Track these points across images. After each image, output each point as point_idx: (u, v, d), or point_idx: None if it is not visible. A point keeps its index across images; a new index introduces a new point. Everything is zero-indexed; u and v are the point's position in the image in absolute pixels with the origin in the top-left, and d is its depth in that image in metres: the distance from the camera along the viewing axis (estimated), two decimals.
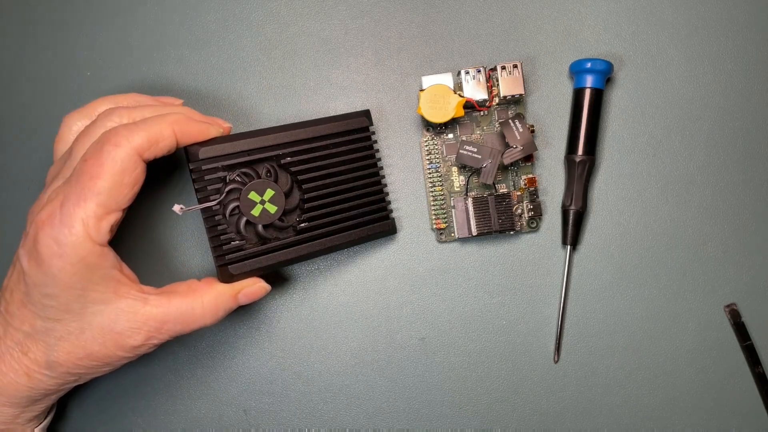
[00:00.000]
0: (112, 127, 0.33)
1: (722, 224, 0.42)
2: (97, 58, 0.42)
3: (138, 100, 0.36)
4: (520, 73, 0.40)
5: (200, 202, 0.35)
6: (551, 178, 0.42)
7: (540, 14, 0.42)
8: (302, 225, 0.37)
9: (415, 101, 0.42)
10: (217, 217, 0.35)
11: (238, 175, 0.35)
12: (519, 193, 0.41)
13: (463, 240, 0.41)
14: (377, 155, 0.39)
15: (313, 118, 0.40)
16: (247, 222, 0.35)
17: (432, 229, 0.41)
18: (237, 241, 0.35)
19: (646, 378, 0.41)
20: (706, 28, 0.42)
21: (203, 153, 0.34)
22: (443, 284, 0.41)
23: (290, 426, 0.41)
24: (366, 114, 0.39)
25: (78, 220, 0.31)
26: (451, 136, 0.41)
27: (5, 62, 0.42)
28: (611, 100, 0.42)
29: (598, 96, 0.40)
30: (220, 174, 0.35)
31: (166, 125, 0.33)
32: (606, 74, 0.40)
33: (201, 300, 0.35)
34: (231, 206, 0.35)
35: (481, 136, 0.41)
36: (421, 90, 0.40)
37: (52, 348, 0.33)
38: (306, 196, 0.37)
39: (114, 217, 0.32)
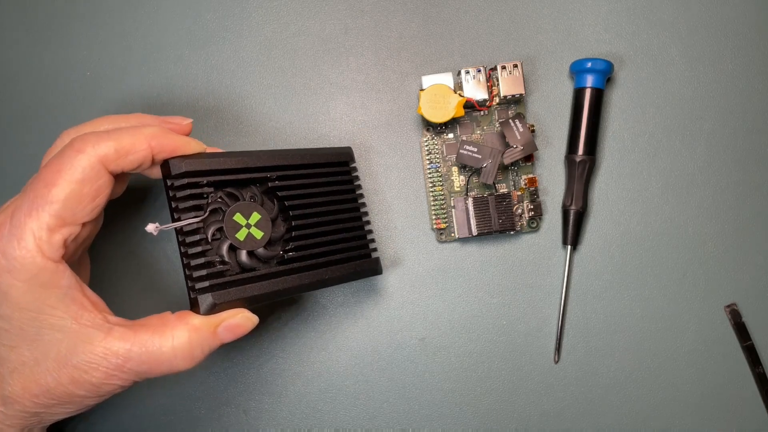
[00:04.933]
0: (81, 136, 0.30)
1: (723, 224, 0.41)
2: (97, 57, 0.42)
3: (141, 120, 0.33)
4: (521, 73, 0.40)
5: (177, 221, 0.31)
6: (551, 177, 0.42)
7: (540, 14, 0.42)
8: (290, 254, 0.34)
9: (415, 101, 0.42)
10: (197, 237, 0.31)
11: (221, 195, 0.32)
12: (519, 193, 0.41)
13: (463, 240, 0.41)
14: (359, 191, 0.38)
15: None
16: (230, 247, 0.32)
17: (432, 229, 0.41)
18: (220, 266, 0.31)
19: (646, 378, 0.41)
20: (706, 27, 0.42)
21: (187, 165, 0.31)
22: (443, 284, 0.41)
23: (290, 426, 0.41)
24: (349, 150, 0.38)
25: (28, 231, 0.27)
26: (451, 135, 0.41)
27: (4, 62, 0.42)
28: (612, 100, 0.42)
29: (598, 96, 0.40)
30: (204, 190, 0.31)
31: (141, 137, 0.30)
32: (606, 74, 0.40)
33: (171, 337, 0.29)
34: (214, 227, 0.32)
35: (481, 135, 0.41)
36: (421, 90, 0.40)
37: (6, 381, 0.29)
38: (295, 223, 0.34)
39: (69, 231, 0.28)
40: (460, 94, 0.40)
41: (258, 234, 0.33)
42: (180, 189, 0.31)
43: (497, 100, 0.41)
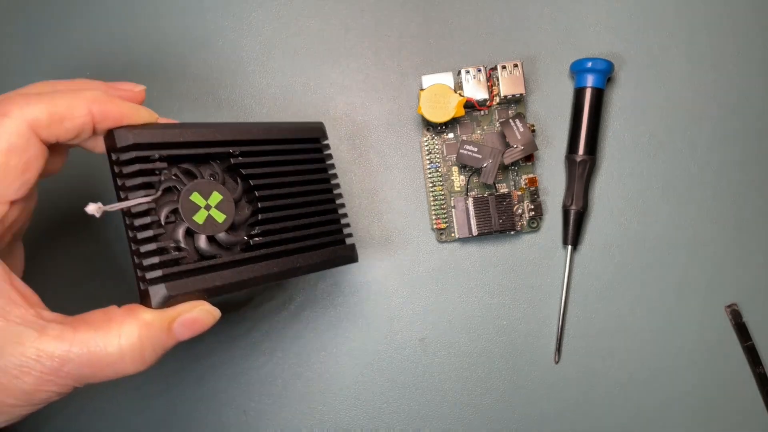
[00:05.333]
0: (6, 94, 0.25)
1: (723, 224, 0.41)
2: (96, 57, 0.42)
3: (84, 84, 0.28)
4: (521, 73, 0.40)
5: (124, 200, 0.26)
6: (552, 177, 0.42)
7: (541, 13, 0.42)
8: (256, 240, 0.30)
9: (415, 101, 0.42)
10: (148, 220, 0.26)
11: (177, 173, 0.28)
12: (519, 192, 0.41)
13: (463, 240, 0.41)
14: (331, 171, 0.34)
15: (280, 120, 0.34)
16: (187, 231, 0.28)
17: (432, 229, 0.41)
18: (175, 253, 0.27)
19: (646, 378, 0.41)
20: (707, 27, 0.42)
21: (135, 137, 0.26)
22: (443, 284, 0.41)
23: (290, 426, 0.41)
24: (320, 126, 0.34)
25: None
26: (451, 135, 0.41)
27: (3, 61, 0.42)
28: (612, 100, 0.42)
29: (598, 95, 0.40)
30: (155, 166, 0.27)
31: (80, 101, 0.25)
32: (607, 74, 0.40)
33: (118, 334, 0.25)
34: (168, 208, 0.27)
35: (481, 135, 0.41)
36: (422, 89, 0.40)
37: None
38: (261, 205, 0.30)
39: (1, 211, 0.25)
40: (460, 94, 0.40)
41: (219, 217, 0.29)
42: (127, 164, 0.26)
43: (497, 99, 0.41)
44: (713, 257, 0.41)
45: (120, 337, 0.25)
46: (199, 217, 0.28)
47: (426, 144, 0.41)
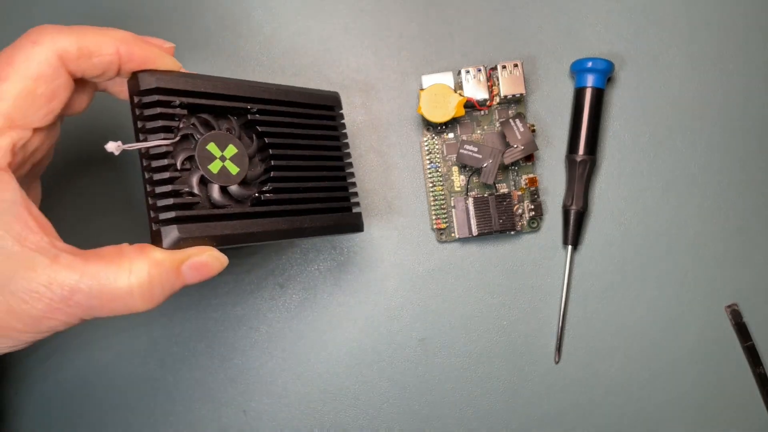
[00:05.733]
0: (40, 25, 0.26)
1: (724, 224, 0.41)
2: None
3: (117, 33, 0.28)
4: (521, 73, 0.40)
5: (143, 141, 0.27)
6: (552, 177, 0.42)
7: (541, 13, 0.42)
8: (267, 196, 0.30)
9: (415, 101, 0.42)
10: (165, 162, 0.27)
11: (195, 122, 0.29)
12: (520, 192, 0.41)
13: (463, 240, 0.41)
14: (344, 140, 0.35)
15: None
16: (201, 180, 0.28)
17: (432, 229, 0.41)
18: (188, 197, 0.28)
19: (647, 378, 0.41)
20: (707, 27, 0.42)
21: (158, 81, 0.27)
22: (443, 284, 0.41)
23: (290, 426, 0.41)
24: (336, 95, 0.35)
25: None
26: (451, 135, 0.41)
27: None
28: (612, 100, 0.42)
29: (599, 95, 0.40)
30: (176, 111, 0.28)
31: (109, 39, 0.26)
32: (607, 73, 0.40)
33: (128, 270, 0.25)
34: (184, 154, 0.28)
35: (481, 135, 0.41)
36: (422, 89, 0.40)
37: None
38: (274, 163, 0.31)
39: (19, 136, 0.25)
40: (460, 94, 0.40)
41: (233, 169, 0.29)
42: (148, 107, 0.27)
43: (497, 99, 0.41)
44: (713, 257, 0.41)
45: (130, 273, 0.25)
46: (214, 167, 0.28)
47: (426, 144, 0.41)
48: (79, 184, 0.39)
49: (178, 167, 0.28)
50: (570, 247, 0.41)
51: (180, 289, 0.27)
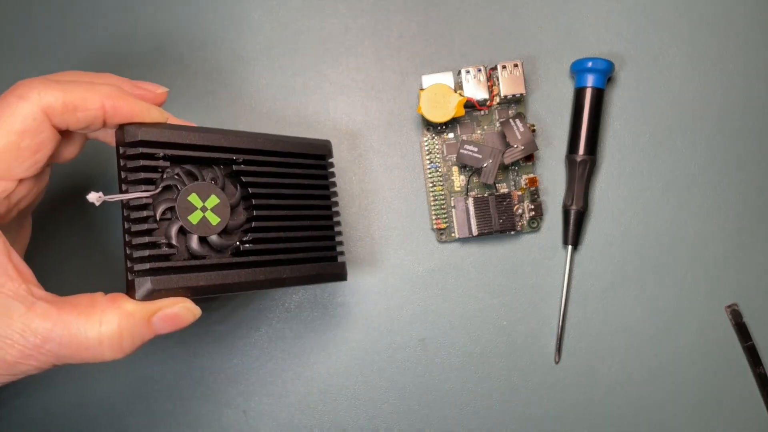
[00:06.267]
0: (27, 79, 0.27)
1: (724, 224, 0.41)
2: (96, 57, 0.42)
3: (109, 79, 0.30)
4: (521, 73, 0.40)
5: (125, 192, 0.27)
6: (552, 177, 0.42)
7: (541, 13, 0.42)
8: (246, 246, 0.30)
9: (415, 101, 0.42)
10: (144, 214, 0.27)
11: (179, 172, 0.29)
12: (520, 192, 0.41)
13: (463, 240, 0.41)
14: (332, 189, 0.35)
15: (282, 133, 0.35)
16: (180, 230, 0.29)
17: (432, 229, 0.41)
18: (165, 249, 0.28)
19: (647, 378, 0.41)
20: (707, 27, 0.42)
21: (143, 134, 0.27)
22: (443, 284, 0.41)
23: (290, 427, 0.41)
24: (327, 144, 0.35)
25: None
26: (451, 135, 0.41)
27: (3, 62, 0.42)
28: (612, 100, 0.42)
29: (599, 95, 0.40)
30: (158, 164, 0.28)
31: (95, 94, 0.27)
32: (607, 73, 0.40)
33: (99, 321, 0.26)
34: (164, 206, 0.28)
35: (481, 135, 0.41)
36: (422, 89, 0.40)
37: None
38: (256, 213, 0.31)
39: (3, 187, 0.26)
40: (460, 94, 0.40)
41: (214, 219, 0.29)
42: (132, 158, 0.27)
43: (498, 99, 0.41)
44: (713, 257, 0.41)
45: (101, 324, 0.26)
46: (194, 218, 0.29)
47: (426, 144, 0.41)
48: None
49: (158, 218, 0.28)
50: (570, 247, 0.41)
51: (151, 339, 0.28)
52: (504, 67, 0.40)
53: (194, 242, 0.29)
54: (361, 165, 0.42)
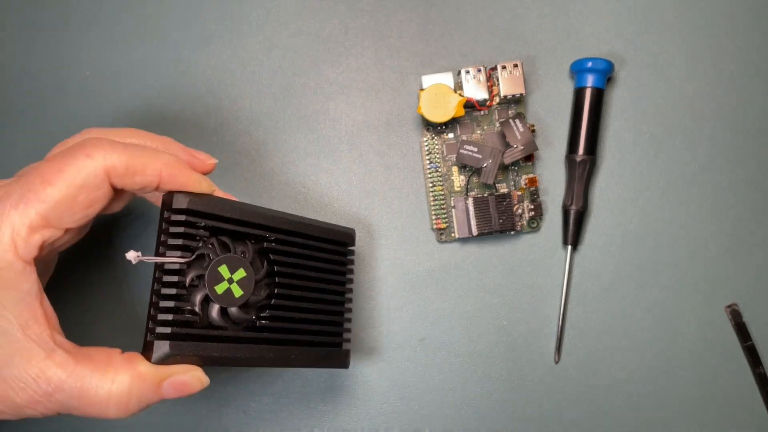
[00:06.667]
0: (93, 138, 0.28)
1: (723, 224, 0.41)
2: (96, 57, 0.42)
3: (168, 145, 0.31)
4: (521, 73, 0.40)
5: (161, 255, 0.29)
6: (552, 177, 0.42)
7: (541, 13, 0.42)
8: (263, 322, 0.31)
9: (415, 101, 0.42)
10: (175, 279, 0.28)
11: (213, 242, 0.30)
12: (519, 192, 0.41)
13: (463, 240, 0.41)
14: (349, 276, 0.36)
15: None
16: (205, 298, 0.29)
17: (432, 229, 0.41)
18: (189, 315, 0.29)
19: (646, 378, 0.41)
20: (707, 27, 0.42)
21: (191, 203, 0.29)
22: (443, 284, 0.41)
23: (290, 427, 0.41)
24: (352, 233, 0.36)
25: (8, 224, 0.26)
26: (451, 135, 0.41)
27: (3, 61, 0.42)
28: (612, 100, 0.42)
29: (599, 95, 0.40)
30: (198, 233, 0.29)
31: (156, 162, 0.28)
32: (607, 73, 0.40)
33: (111, 379, 0.27)
34: (195, 273, 0.29)
35: (481, 135, 0.41)
36: (421, 89, 0.40)
37: None
38: (278, 291, 0.32)
39: (50, 234, 0.27)
40: (460, 94, 0.40)
41: (238, 292, 0.30)
42: (175, 224, 0.29)
43: (497, 99, 0.41)
44: (713, 257, 0.41)
45: (113, 383, 0.27)
46: (220, 288, 0.30)
47: (426, 144, 0.41)
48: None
49: (186, 284, 0.29)
50: (570, 247, 0.41)
51: (156, 402, 0.28)
52: (504, 67, 0.40)
53: (215, 312, 0.30)
54: (361, 165, 0.42)
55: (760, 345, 0.41)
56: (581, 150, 0.40)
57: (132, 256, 0.28)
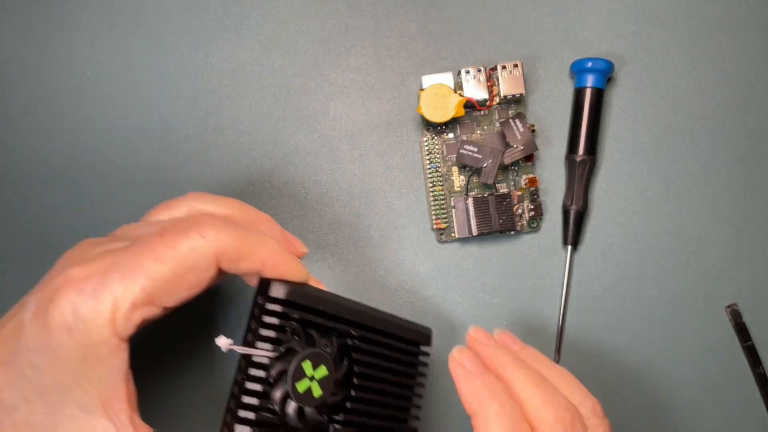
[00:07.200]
0: (207, 213, 0.28)
1: (723, 224, 0.41)
2: (96, 57, 0.42)
3: (269, 225, 0.31)
4: (521, 73, 0.40)
5: (249, 345, 0.27)
6: (552, 177, 0.42)
7: (541, 13, 0.42)
8: (336, 427, 0.29)
9: (415, 101, 0.42)
10: (261, 374, 0.27)
11: (299, 335, 0.29)
12: (519, 192, 0.41)
13: (463, 240, 0.41)
14: (421, 378, 0.34)
15: (377, 310, 0.33)
16: (285, 395, 0.28)
17: (432, 229, 0.41)
18: (269, 414, 0.27)
19: (646, 378, 0.41)
20: (707, 27, 0.42)
21: (290, 294, 0.28)
22: (443, 284, 0.41)
23: None
24: (430, 333, 0.35)
25: (111, 296, 0.25)
26: (451, 135, 0.41)
27: (3, 61, 0.42)
28: (612, 100, 0.42)
29: (599, 95, 0.40)
30: (291, 326, 0.28)
31: (262, 248, 0.28)
32: (607, 73, 0.40)
33: None
34: (280, 368, 0.28)
35: (481, 135, 0.41)
36: (421, 89, 0.40)
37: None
38: (355, 394, 0.30)
39: (151, 312, 0.26)
40: (460, 94, 0.40)
41: (317, 392, 0.28)
42: (269, 314, 0.28)
43: (497, 99, 0.41)
44: (713, 257, 0.41)
45: None
46: (301, 386, 0.28)
47: (426, 144, 0.41)
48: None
49: (271, 381, 0.28)
50: (570, 247, 0.41)
51: None
52: (504, 67, 0.40)
53: (292, 411, 0.28)
54: (361, 165, 0.42)
55: (760, 345, 0.41)
56: (581, 150, 0.40)
57: (224, 343, 0.27)
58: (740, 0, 0.42)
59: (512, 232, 0.41)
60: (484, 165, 0.39)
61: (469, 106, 0.41)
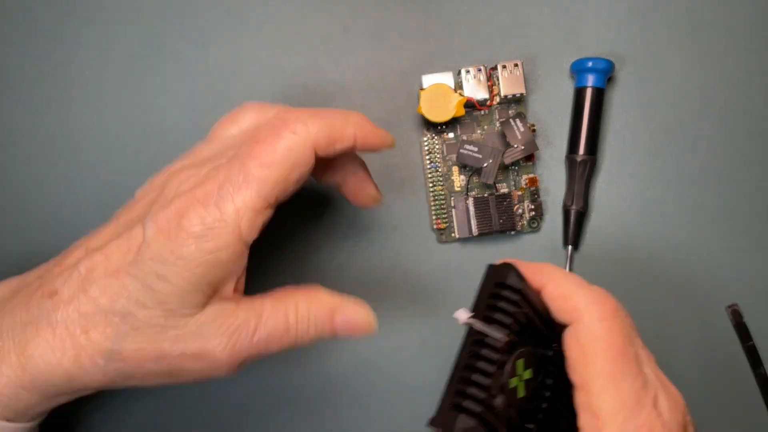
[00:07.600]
0: (285, 110, 0.29)
1: (724, 224, 0.41)
2: (96, 57, 0.42)
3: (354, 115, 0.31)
4: (521, 72, 0.40)
5: (486, 323, 0.27)
6: (552, 177, 0.42)
7: (541, 13, 0.42)
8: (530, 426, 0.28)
9: (415, 101, 0.42)
10: (496, 357, 0.26)
11: (522, 330, 0.28)
12: (520, 192, 0.41)
13: (463, 240, 0.41)
14: None
15: None
16: (501, 389, 0.27)
17: (432, 229, 0.41)
18: (496, 400, 0.26)
19: None
20: (708, 26, 0.42)
21: (524, 287, 0.28)
22: (443, 284, 0.41)
23: (290, 427, 0.41)
24: None
25: (232, 206, 0.27)
26: (451, 135, 0.41)
27: (2, 61, 0.42)
28: (613, 100, 0.42)
29: (599, 95, 0.40)
30: (521, 319, 0.27)
31: (350, 125, 0.29)
32: (607, 73, 0.40)
33: (295, 306, 0.29)
34: (504, 357, 0.27)
35: (481, 135, 0.41)
36: (422, 89, 0.40)
37: (122, 336, 0.27)
38: (546, 406, 0.29)
39: (269, 215, 0.28)
40: (460, 94, 0.40)
41: (521, 391, 0.27)
42: (506, 301, 0.27)
43: (498, 99, 0.41)
44: (714, 257, 0.41)
45: (297, 308, 0.29)
46: (513, 382, 0.27)
47: (426, 144, 0.41)
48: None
49: (503, 367, 0.27)
50: (570, 247, 0.41)
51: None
52: (504, 66, 0.40)
53: (499, 401, 0.27)
54: None
55: (761, 345, 0.41)
56: (582, 150, 0.40)
57: (463, 315, 0.27)
58: (740, 0, 0.42)
59: (513, 232, 0.41)
60: (485, 165, 0.39)
61: (470, 105, 0.41)
